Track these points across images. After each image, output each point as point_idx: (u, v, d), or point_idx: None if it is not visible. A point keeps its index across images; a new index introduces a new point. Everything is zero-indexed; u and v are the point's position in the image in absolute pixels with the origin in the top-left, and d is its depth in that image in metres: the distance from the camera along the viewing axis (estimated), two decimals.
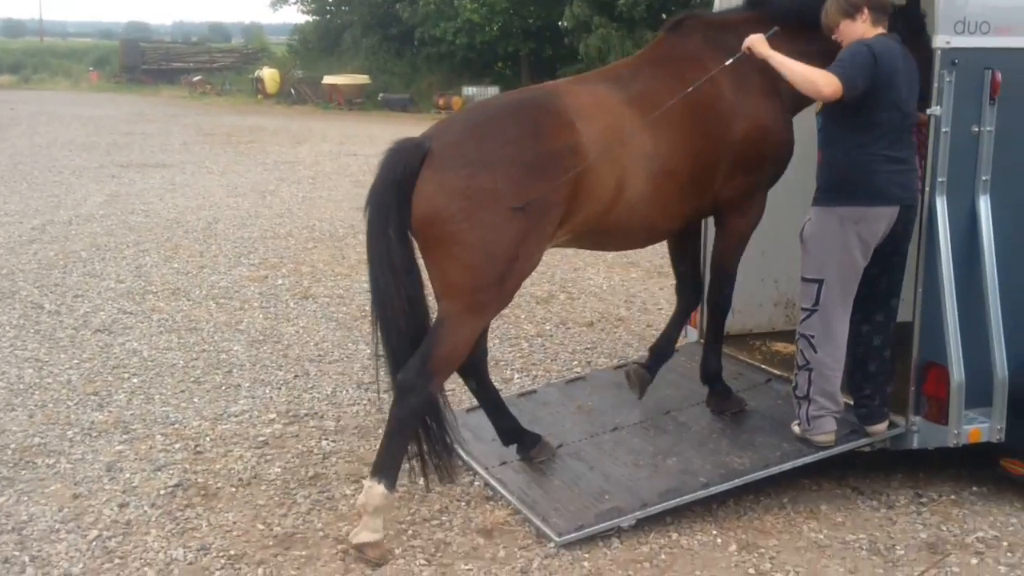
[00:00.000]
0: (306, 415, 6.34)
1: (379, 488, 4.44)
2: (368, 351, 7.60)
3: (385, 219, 4.50)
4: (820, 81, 4.41)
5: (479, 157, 4.43)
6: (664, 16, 39.60)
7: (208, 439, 5.94)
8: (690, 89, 4.71)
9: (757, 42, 4.67)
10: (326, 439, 5.94)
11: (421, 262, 4.62)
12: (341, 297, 9.31)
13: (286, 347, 7.74)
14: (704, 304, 5.70)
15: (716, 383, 5.46)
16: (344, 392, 6.75)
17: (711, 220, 5.50)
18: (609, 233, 4.93)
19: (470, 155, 4.44)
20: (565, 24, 39.66)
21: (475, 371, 5.17)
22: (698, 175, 4.94)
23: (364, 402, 6.55)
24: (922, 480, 5.23)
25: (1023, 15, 4.61)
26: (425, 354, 4.50)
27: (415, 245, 4.57)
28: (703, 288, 5.59)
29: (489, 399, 5.27)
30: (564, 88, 4.89)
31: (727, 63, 4.74)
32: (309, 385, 6.90)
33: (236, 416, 6.31)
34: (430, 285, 4.70)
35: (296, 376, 7.08)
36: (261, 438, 5.95)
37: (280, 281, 9.90)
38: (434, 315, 4.68)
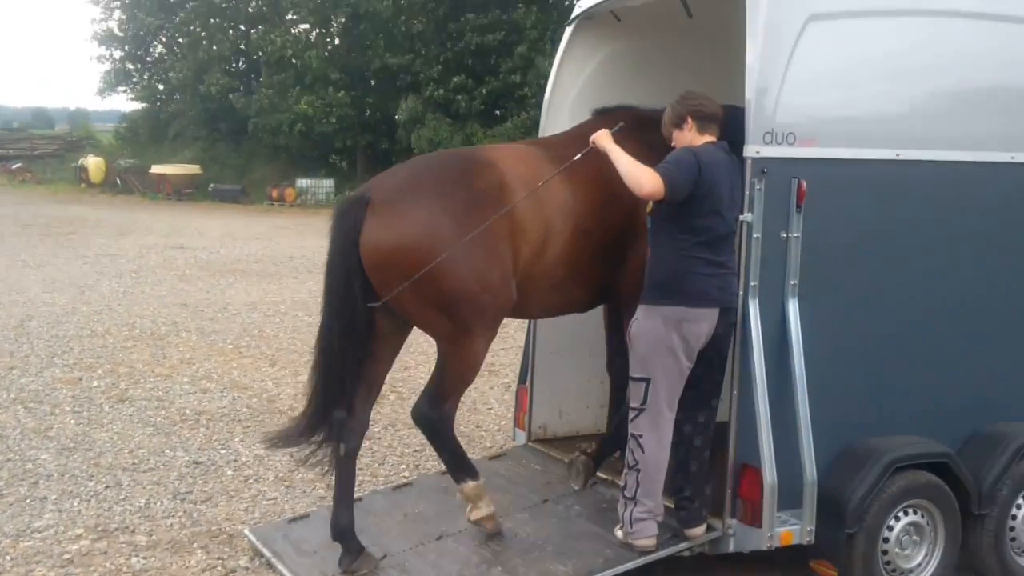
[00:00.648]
0: (116, 529, 5.99)
1: (468, 484, 5.05)
2: (186, 457, 7.29)
3: (348, 277, 4.76)
4: (643, 179, 4.54)
5: (419, 199, 4.70)
6: (497, 112, 40.71)
7: (8, 558, 5.54)
8: (561, 168, 4.90)
9: (601, 136, 4.84)
10: (136, 556, 5.61)
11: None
12: (160, 400, 8.93)
13: (98, 455, 7.34)
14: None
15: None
16: (158, 503, 6.42)
17: None
18: (536, 282, 5.04)
19: (410, 198, 4.71)
20: (400, 117, 40.17)
21: (352, 436, 5.15)
22: (609, 243, 5.13)
23: (179, 514, 6.23)
24: None
25: (826, 127, 4.84)
26: (435, 386, 4.96)
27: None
28: None
29: (346, 475, 5.16)
30: (486, 146, 5.30)
31: (576, 157, 4.88)
32: (121, 496, 6.54)
33: (40, 532, 5.91)
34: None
35: (107, 487, 6.70)
36: (67, 555, 5.59)
37: (95, 383, 9.43)
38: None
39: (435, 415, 4.96)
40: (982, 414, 5.39)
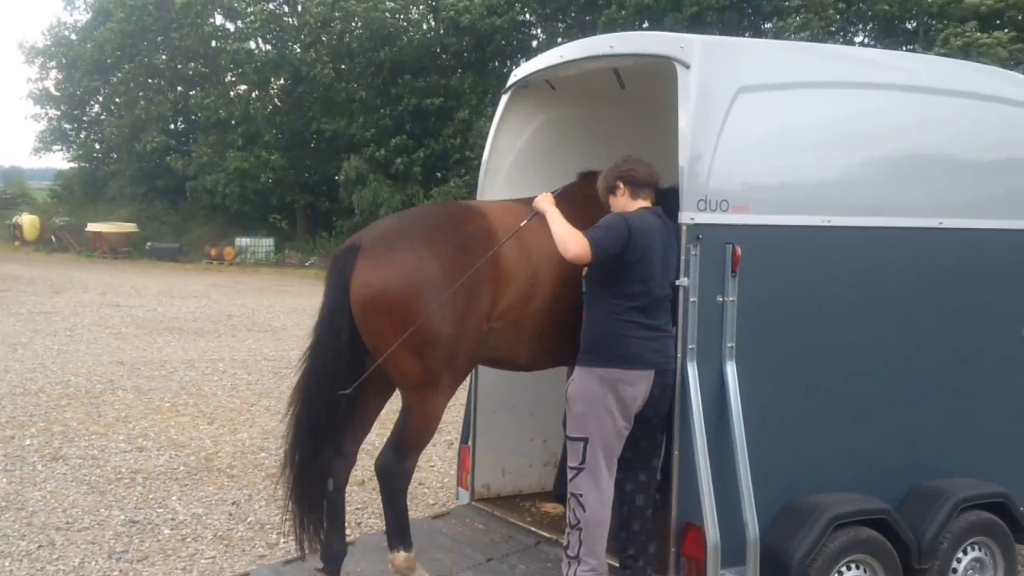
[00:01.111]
0: None
1: (400, 555, 5.07)
2: (122, 516, 7.18)
3: (336, 323, 4.92)
4: (569, 242, 4.65)
5: (408, 244, 4.90)
6: (438, 174, 41.02)
7: None
8: (515, 231, 4.99)
9: (541, 200, 4.99)
10: None
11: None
12: (95, 458, 8.79)
13: (30, 514, 7.20)
14: None
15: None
16: (93, 563, 6.31)
17: None
18: (524, 330, 5.14)
19: (398, 243, 4.91)
20: (342, 178, 40.25)
21: (341, 471, 5.26)
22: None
23: (115, 574, 6.14)
24: None
25: (758, 194, 4.98)
26: (399, 438, 4.99)
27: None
28: None
29: (336, 507, 5.26)
30: (476, 201, 5.47)
31: (523, 222, 5.00)
32: (54, 556, 6.42)
33: None
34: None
35: (40, 546, 6.57)
36: None
37: (28, 441, 9.26)
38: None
39: (397, 468, 5.02)
40: (920, 471, 5.52)
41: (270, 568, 5.78)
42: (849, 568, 5.02)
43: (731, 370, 4.87)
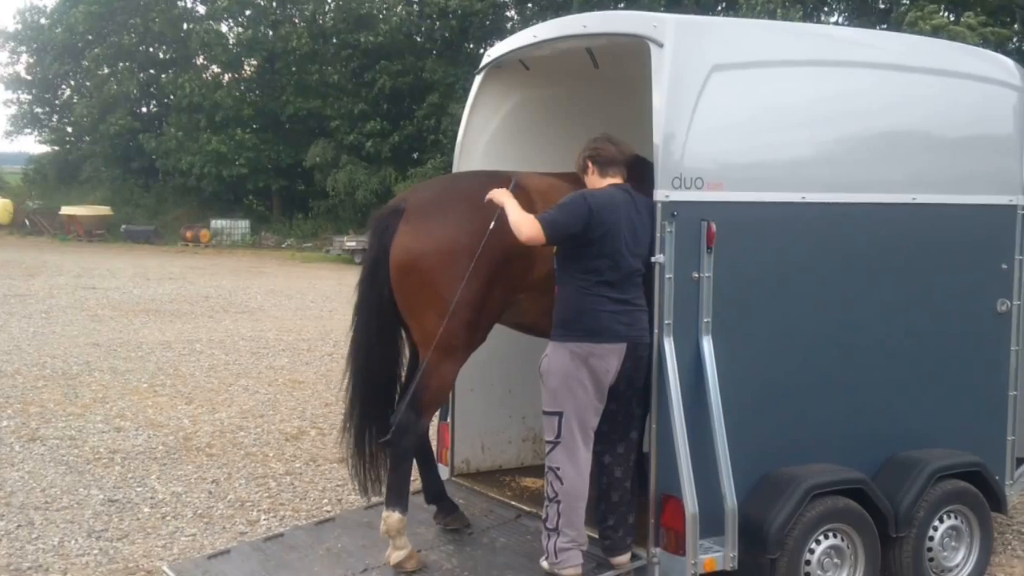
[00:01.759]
0: (29, 568, 5.88)
1: (395, 515, 5.12)
2: (101, 495, 7.19)
3: (378, 279, 5.18)
4: (522, 227, 4.72)
5: (449, 215, 5.10)
6: (414, 155, 40.94)
7: None
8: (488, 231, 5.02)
9: (495, 195, 4.97)
10: None
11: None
12: (72, 439, 8.77)
13: (9, 494, 7.19)
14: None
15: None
16: (73, 542, 6.31)
17: None
18: (531, 293, 5.30)
19: (441, 213, 5.11)
20: (314, 161, 40.11)
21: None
22: None
23: (95, 552, 6.14)
24: None
25: (733, 172, 5.03)
26: (415, 398, 5.13)
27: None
28: None
29: (421, 455, 5.60)
30: (521, 172, 5.50)
31: (491, 225, 4.98)
32: (34, 535, 6.41)
33: None
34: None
35: (19, 526, 6.57)
36: None
37: (4, 423, 9.24)
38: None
39: (409, 426, 5.16)
40: (896, 442, 5.61)
41: (251, 545, 5.79)
42: (827, 537, 5.11)
43: (707, 345, 4.93)
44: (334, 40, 41.03)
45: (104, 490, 7.36)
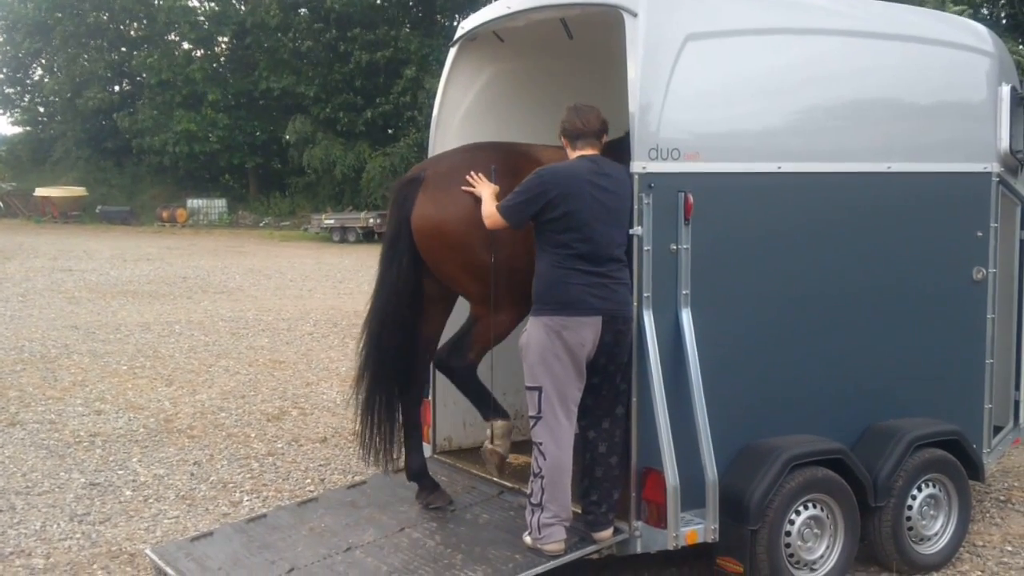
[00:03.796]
0: (12, 553, 5.85)
1: (499, 422, 5.53)
2: (82, 479, 7.16)
3: (399, 248, 5.35)
4: (486, 218, 5.02)
5: (465, 183, 5.22)
6: (389, 131, 40.75)
7: None
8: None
9: (476, 182, 5.19)
10: None
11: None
12: (53, 423, 8.73)
13: None
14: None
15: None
16: (55, 526, 6.29)
17: None
18: None
19: (459, 182, 5.22)
20: (288, 138, 39.85)
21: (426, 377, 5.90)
22: None
23: (78, 536, 6.12)
24: None
25: (709, 142, 5.01)
26: (461, 338, 5.53)
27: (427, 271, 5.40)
28: None
29: (411, 430, 5.77)
30: (539, 146, 5.66)
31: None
32: (15, 520, 6.38)
33: None
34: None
35: (0, 511, 6.53)
36: None
37: None
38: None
39: (460, 364, 5.48)
40: (875, 412, 5.64)
41: (234, 526, 5.79)
42: (806, 508, 5.14)
43: (686, 317, 4.93)
44: (304, 11, 40.64)
45: (85, 473, 7.34)
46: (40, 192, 38.94)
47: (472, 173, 5.22)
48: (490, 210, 4.99)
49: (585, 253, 4.80)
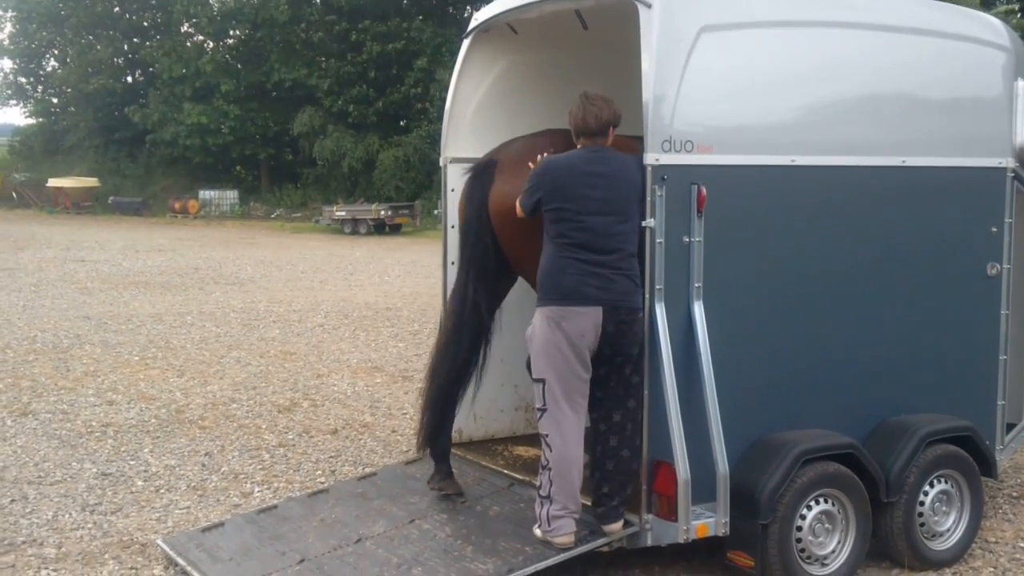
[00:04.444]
0: (24, 543, 5.86)
1: None
2: (94, 469, 7.19)
3: (481, 230, 5.46)
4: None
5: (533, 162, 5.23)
6: (401, 123, 40.72)
7: None
8: None
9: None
10: (46, 568, 5.51)
11: None
12: (65, 412, 8.76)
13: (2, 469, 7.18)
14: None
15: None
16: (67, 515, 6.31)
17: None
18: None
19: (529, 162, 5.21)
20: (299, 130, 39.86)
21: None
22: None
23: (89, 525, 6.14)
24: (658, 574, 5.44)
25: (723, 135, 4.99)
26: None
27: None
28: None
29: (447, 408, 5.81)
30: None
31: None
32: (27, 509, 6.40)
33: None
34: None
35: (13, 500, 6.55)
36: None
37: None
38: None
39: None
40: (888, 407, 5.62)
41: (245, 517, 5.81)
42: (818, 503, 5.12)
43: (698, 310, 4.92)
44: (316, 2, 40.61)
45: (97, 464, 7.36)
46: (53, 183, 39.06)
47: (539, 156, 5.19)
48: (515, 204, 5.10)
49: (583, 243, 4.80)
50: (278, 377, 10.37)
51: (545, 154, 5.16)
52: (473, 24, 6.18)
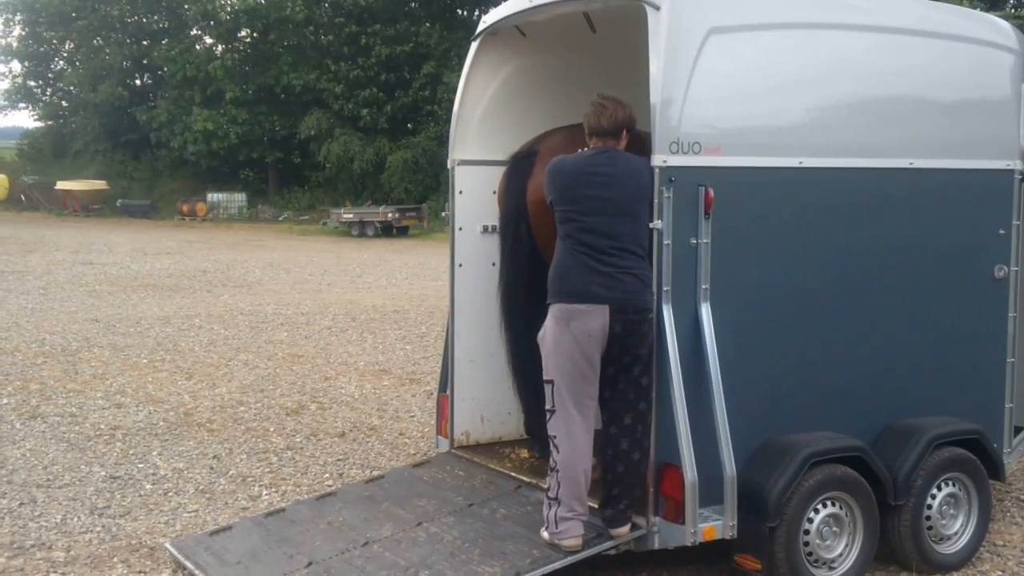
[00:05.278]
0: (32, 546, 5.88)
1: None
2: (103, 472, 7.20)
3: (521, 219, 5.65)
4: None
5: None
6: (409, 126, 40.76)
7: None
8: None
9: None
10: (55, 572, 5.52)
11: None
12: (73, 416, 8.78)
13: (11, 472, 7.20)
14: None
15: None
16: (75, 519, 6.32)
17: None
18: None
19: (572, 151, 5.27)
20: (308, 133, 39.89)
21: None
22: None
23: (98, 529, 6.15)
24: None
25: (731, 137, 4.99)
26: None
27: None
28: None
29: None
30: None
31: None
32: (36, 513, 6.42)
33: None
34: None
35: (22, 504, 6.57)
36: None
37: (5, 400, 9.24)
38: None
39: None
40: (895, 409, 5.61)
41: (253, 520, 5.81)
42: (825, 505, 5.11)
43: (706, 312, 4.91)
44: (326, 4, 40.66)
45: (106, 467, 7.38)
46: (61, 185, 39.18)
47: (579, 149, 5.17)
48: None
49: (590, 243, 4.82)
50: (286, 380, 10.39)
51: (583, 149, 5.17)
52: (481, 27, 6.19)
